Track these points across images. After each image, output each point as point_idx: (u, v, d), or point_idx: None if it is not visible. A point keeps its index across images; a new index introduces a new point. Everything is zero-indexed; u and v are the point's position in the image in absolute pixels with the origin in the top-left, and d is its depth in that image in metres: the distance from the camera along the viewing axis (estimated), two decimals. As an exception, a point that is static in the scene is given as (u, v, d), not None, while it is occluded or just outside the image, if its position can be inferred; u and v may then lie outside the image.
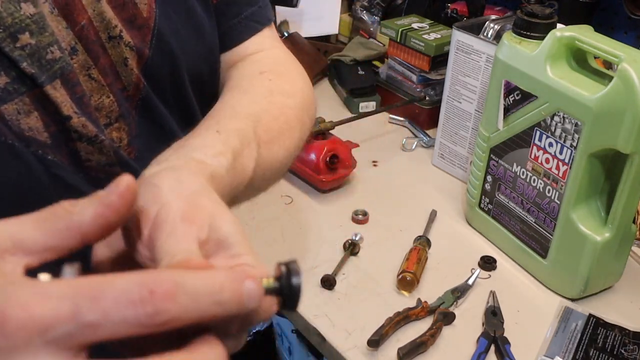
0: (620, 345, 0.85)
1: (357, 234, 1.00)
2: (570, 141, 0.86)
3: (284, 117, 0.62)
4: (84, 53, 0.53)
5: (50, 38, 0.50)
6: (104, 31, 0.54)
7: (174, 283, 0.32)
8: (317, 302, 0.89)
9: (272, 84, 0.65)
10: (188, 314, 0.32)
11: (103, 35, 0.54)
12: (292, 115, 0.64)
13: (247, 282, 0.34)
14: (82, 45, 0.53)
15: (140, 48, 0.57)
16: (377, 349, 0.82)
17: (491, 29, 1.09)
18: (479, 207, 1.05)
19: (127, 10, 0.56)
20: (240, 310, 0.34)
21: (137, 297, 0.31)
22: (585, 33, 0.86)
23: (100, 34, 0.54)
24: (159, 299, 0.31)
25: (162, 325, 0.32)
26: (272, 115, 0.61)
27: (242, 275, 0.35)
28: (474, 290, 0.93)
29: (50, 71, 0.50)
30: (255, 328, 1.74)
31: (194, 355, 0.33)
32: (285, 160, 0.62)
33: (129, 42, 0.56)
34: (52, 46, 0.50)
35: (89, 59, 0.54)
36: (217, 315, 0.33)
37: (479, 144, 1.02)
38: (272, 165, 0.59)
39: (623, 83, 0.78)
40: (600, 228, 0.88)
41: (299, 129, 0.64)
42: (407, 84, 1.36)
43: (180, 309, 0.32)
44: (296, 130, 0.64)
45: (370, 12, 1.58)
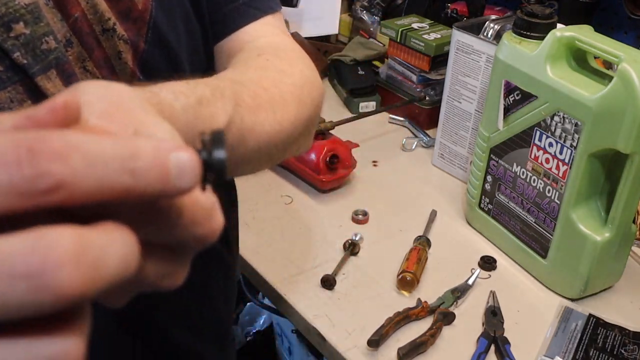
0: (620, 345, 0.85)
1: (357, 234, 1.00)
2: (570, 141, 0.86)
3: (277, 90, 0.58)
4: (78, 45, 0.53)
5: (46, 28, 0.50)
6: (98, 24, 0.54)
7: (65, 142, 0.25)
8: (317, 302, 0.89)
9: (268, 63, 0.61)
10: (86, 182, 0.25)
11: (97, 28, 0.54)
12: (287, 90, 0.59)
13: (178, 152, 0.27)
14: (77, 38, 0.53)
15: (135, 41, 0.56)
16: (377, 349, 0.82)
17: (491, 29, 1.09)
18: (479, 207, 1.05)
19: (121, 3, 0.55)
20: (166, 190, 0.27)
21: (13, 157, 0.24)
22: (585, 33, 0.86)
23: (94, 27, 0.54)
24: (43, 158, 0.24)
25: (48, 194, 0.24)
26: (261, 86, 0.56)
27: (170, 145, 0.27)
28: (474, 290, 0.93)
29: (45, 61, 0.50)
30: (255, 328, 1.74)
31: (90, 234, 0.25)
32: (277, 135, 0.56)
33: (123, 35, 0.55)
34: (47, 36, 0.50)
35: (83, 51, 0.53)
36: (132, 192, 0.26)
37: (479, 144, 1.02)
38: (257, 134, 0.54)
39: (623, 83, 0.78)
40: (600, 228, 0.88)
41: (295, 106, 0.59)
42: (407, 84, 1.36)
43: (73, 172, 0.24)
44: (291, 106, 0.58)
45: (370, 12, 1.58)
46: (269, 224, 1.05)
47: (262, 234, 1.02)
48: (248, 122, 0.52)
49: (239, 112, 0.50)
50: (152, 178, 0.26)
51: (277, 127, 0.56)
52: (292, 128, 0.59)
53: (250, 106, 0.53)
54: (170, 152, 0.27)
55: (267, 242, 1.00)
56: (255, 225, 1.04)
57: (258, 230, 1.03)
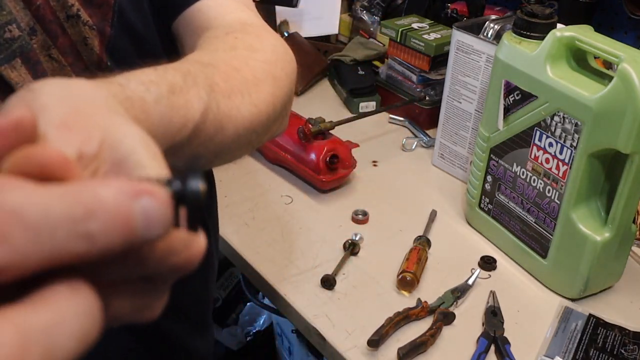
0: (620, 345, 0.85)
1: (357, 234, 1.00)
2: (570, 141, 0.86)
3: (249, 68, 0.55)
4: (42, 33, 0.52)
5: (8, 17, 0.49)
6: (62, 10, 0.53)
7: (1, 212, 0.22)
8: (317, 302, 0.89)
9: (237, 41, 0.58)
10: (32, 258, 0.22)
11: (60, 14, 0.53)
12: (260, 68, 0.56)
13: (142, 198, 0.23)
14: (40, 26, 0.52)
15: (100, 27, 0.55)
16: (377, 349, 0.82)
17: (491, 29, 1.09)
18: (479, 207, 1.05)
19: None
20: (131, 243, 0.23)
21: None
22: (585, 33, 0.86)
23: (57, 14, 0.53)
24: None
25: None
26: (233, 66, 0.53)
27: (132, 189, 0.23)
28: (474, 290, 0.93)
29: (9, 50, 0.49)
30: (255, 328, 1.74)
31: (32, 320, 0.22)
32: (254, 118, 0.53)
33: (87, 20, 0.54)
34: (10, 25, 0.49)
35: (47, 39, 0.52)
36: (90, 255, 0.23)
37: (479, 144, 1.02)
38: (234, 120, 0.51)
39: (623, 83, 0.78)
40: (600, 228, 0.88)
41: (270, 84, 0.56)
42: (407, 84, 1.36)
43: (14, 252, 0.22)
44: (266, 85, 0.55)
45: (370, 12, 1.58)
46: (269, 224, 1.05)
47: (262, 234, 1.02)
48: (224, 108, 0.49)
49: (214, 98, 0.48)
50: (112, 236, 0.23)
51: (254, 110, 0.53)
52: (269, 109, 0.56)
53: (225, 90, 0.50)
54: (133, 199, 0.23)
55: (267, 242, 1.00)
56: (255, 225, 1.04)
57: (258, 230, 1.03)
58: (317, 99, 1.47)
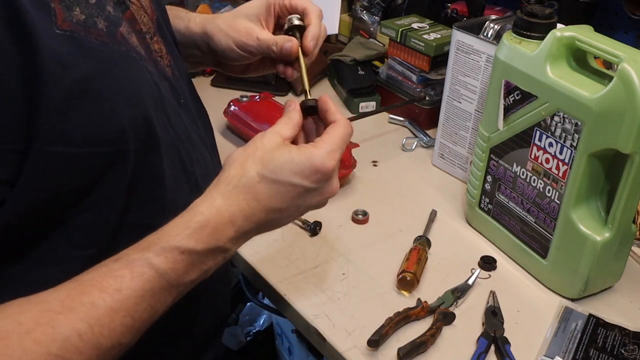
0: (620, 345, 0.85)
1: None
2: (570, 141, 0.86)
3: None
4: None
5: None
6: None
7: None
8: (317, 302, 0.89)
9: None
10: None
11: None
12: None
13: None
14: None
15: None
16: (377, 349, 0.82)
17: (491, 29, 1.09)
18: (479, 207, 1.05)
19: None
20: None
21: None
22: (585, 33, 0.86)
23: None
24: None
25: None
26: None
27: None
28: (474, 290, 0.93)
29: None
30: (255, 328, 1.74)
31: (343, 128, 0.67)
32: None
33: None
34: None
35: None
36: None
37: (479, 144, 1.02)
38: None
39: (623, 83, 0.78)
40: (600, 228, 0.88)
41: None
42: (407, 84, 1.36)
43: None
44: None
45: (370, 12, 1.58)
46: (269, 224, 1.05)
47: (262, 234, 1.02)
48: None
49: None
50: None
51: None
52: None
53: None
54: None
55: (267, 242, 1.00)
56: (255, 225, 1.04)
57: (258, 230, 1.03)
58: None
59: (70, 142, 0.54)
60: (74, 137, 0.55)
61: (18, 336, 0.48)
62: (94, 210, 0.60)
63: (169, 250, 0.57)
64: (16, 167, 0.52)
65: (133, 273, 0.55)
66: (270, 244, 1.00)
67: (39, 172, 0.53)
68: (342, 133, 0.66)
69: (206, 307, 0.78)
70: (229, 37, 0.83)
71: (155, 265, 0.56)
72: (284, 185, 0.63)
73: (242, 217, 0.62)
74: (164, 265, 0.57)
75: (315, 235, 1.02)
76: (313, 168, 0.63)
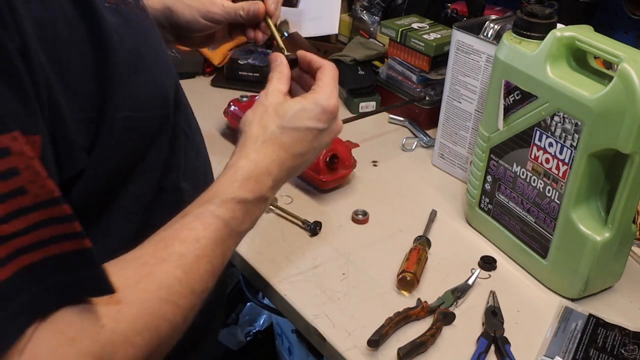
0: (620, 345, 0.85)
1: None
2: (570, 141, 0.86)
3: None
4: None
5: None
6: None
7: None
8: (317, 302, 0.89)
9: None
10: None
11: None
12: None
13: None
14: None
15: None
16: (377, 349, 0.82)
17: (491, 29, 1.09)
18: (479, 207, 1.05)
19: None
20: None
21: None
22: (585, 33, 0.86)
23: None
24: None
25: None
26: None
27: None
28: (474, 290, 0.93)
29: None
30: (255, 328, 1.74)
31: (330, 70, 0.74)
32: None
33: None
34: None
35: None
36: None
37: (479, 144, 1.02)
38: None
39: (623, 83, 0.78)
40: (600, 228, 0.88)
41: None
42: (407, 84, 1.36)
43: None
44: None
45: (370, 12, 1.58)
46: (269, 224, 1.05)
47: (262, 234, 1.02)
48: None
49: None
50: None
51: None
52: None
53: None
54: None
55: (267, 242, 1.00)
56: (256, 225, 1.04)
57: (258, 230, 1.03)
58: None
59: (133, 107, 0.59)
60: (136, 102, 0.60)
61: (128, 289, 0.52)
62: (144, 175, 0.66)
63: (227, 201, 0.64)
64: (92, 135, 0.56)
65: (204, 224, 0.61)
66: (270, 244, 1.00)
67: (110, 138, 0.57)
68: (333, 74, 0.75)
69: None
70: (192, 8, 0.88)
71: (220, 215, 0.63)
72: (302, 131, 0.72)
73: (275, 166, 0.70)
74: (227, 215, 0.63)
75: (315, 235, 1.02)
76: (322, 110, 0.72)
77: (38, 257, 0.46)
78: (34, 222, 0.46)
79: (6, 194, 0.44)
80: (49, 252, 0.46)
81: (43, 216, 0.46)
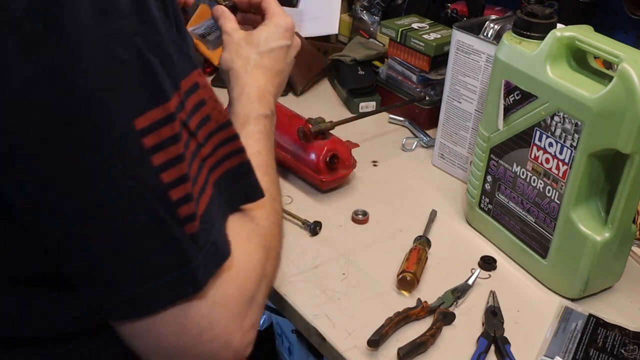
0: (620, 345, 0.85)
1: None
2: (570, 141, 0.86)
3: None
4: None
5: None
6: None
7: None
8: (317, 302, 0.89)
9: None
10: None
11: None
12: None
13: None
14: None
15: None
16: (377, 349, 0.82)
17: (491, 29, 1.09)
18: (479, 207, 1.05)
19: None
20: None
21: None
22: (585, 33, 0.86)
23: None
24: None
25: None
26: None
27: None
28: (474, 290, 0.93)
29: None
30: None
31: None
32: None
33: None
34: None
35: None
36: None
37: (479, 144, 1.02)
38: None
39: (623, 83, 0.78)
40: (600, 228, 0.88)
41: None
42: (407, 84, 1.36)
43: None
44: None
45: (370, 12, 1.58)
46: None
47: (262, 234, 1.02)
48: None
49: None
50: None
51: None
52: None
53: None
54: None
55: (267, 242, 1.00)
56: (255, 225, 1.04)
57: (258, 230, 1.03)
58: (317, 99, 1.47)
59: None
60: None
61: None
62: None
63: (258, 118, 0.78)
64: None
65: (255, 140, 0.74)
66: (270, 244, 1.00)
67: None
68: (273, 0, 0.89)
69: None
70: None
71: (261, 130, 0.76)
72: (276, 50, 0.85)
73: (270, 85, 0.83)
74: (263, 129, 0.77)
75: (315, 235, 1.02)
76: (284, 28, 0.86)
77: (220, 172, 0.55)
78: (217, 143, 0.55)
79: (201, 121, 0.53)
80: (225, 167, 0.56)
81: (222, 137, 0.55)
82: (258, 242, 0.60)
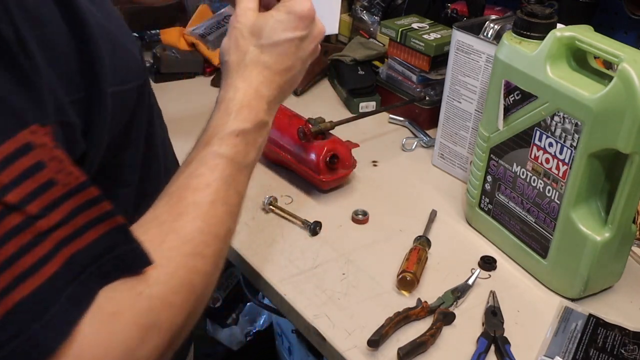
0: (620, 345, 0.85)
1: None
2: (570, 141, 0.86)
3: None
4: None
5: None
6: None
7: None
8: (317, 302, 0.89)
9: None
10: None
11: None
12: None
13: None
14: None
15: None
16: (377, 349, 0.82)
17: (491, 29, 1.09)
18: (479, 207, 1.05)
19: None
20: None
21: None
22: (585, 33, 0.86)
23: None
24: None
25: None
26: None
27: None
28: (474, 290, 0.93)
29: None
30: (255, 328, 1.74)
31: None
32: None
33: None
34: None
35: None
36: None
37: (479, 144, 1.02)
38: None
39: (623, 83, 0.78)
40: (600, 228, 0.88)
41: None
42: (407, 84, 1.36)
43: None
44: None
45: (370, 12, 1.58)
46: (269, 224, 1.05)
47: (262, 234, 1.02)
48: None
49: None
50: None
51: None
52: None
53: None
54: None
55: (267, 242, 1.00)
56: (255, 226, 1.04)
57: (258, 230, 1.03)
58: (317, 99, 1.47)
59: (119, 81, 0.57)
60: (120, 75, 0.58)
61: (154, 251, 0.51)
62: (133, 146, 0.65)
63: (226, 137, 0.63)
64: (85, 115, 0.54)
65: (210, 168, 0.61)
66: (270, 244, 1.00)
67: (104, 116, 0.56)
68: None
69: None
70: None
71: (223, 153, 0.62)
72: (281, 44, 0.70)
73: (264, 88, 0.68)
74: (229, 151, 0.63)
75: (315, 235, 1.02)
76: (298, 17, 0.71)
77: (80, 244, 0.46)
78: (69, 211, 0.46)
79: (38, 188, 0.45)
80: (89, 237, 0.47)
81: (77, 202, 0.47)
82: (128, 319, 0.48)
